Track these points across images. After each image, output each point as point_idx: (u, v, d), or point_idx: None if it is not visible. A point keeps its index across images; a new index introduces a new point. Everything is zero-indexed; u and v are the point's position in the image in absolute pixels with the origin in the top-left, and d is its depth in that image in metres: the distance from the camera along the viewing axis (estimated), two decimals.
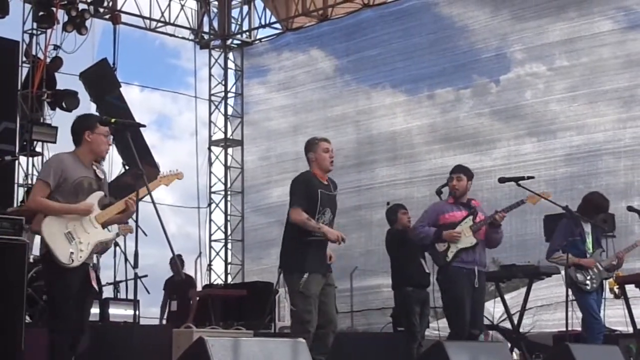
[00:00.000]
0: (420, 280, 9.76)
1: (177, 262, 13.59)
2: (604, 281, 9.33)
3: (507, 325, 10.88)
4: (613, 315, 10.70)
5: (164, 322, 13.67)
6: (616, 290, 10.11)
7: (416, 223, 8.91)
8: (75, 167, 6.67)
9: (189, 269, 15.01)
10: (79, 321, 6.57)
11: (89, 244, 6.60)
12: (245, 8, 18.76)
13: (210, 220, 18.47)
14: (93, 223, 6.67)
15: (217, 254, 18.39)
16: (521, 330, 10.62)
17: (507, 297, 11.29)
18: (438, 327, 11.41)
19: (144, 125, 8.13)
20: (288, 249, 7.83)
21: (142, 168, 6.70)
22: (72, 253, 6.48)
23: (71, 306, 6.54)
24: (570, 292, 8.95)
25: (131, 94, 18.24)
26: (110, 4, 16.14)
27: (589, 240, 9.28)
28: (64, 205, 6.57)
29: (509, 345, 9.79)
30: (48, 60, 14.46)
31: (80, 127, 6.80)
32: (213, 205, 18.55)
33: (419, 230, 8.73)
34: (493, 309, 11.75)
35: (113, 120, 6.92)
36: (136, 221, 6.69)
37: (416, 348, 9.65)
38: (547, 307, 13.04)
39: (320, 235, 7.63)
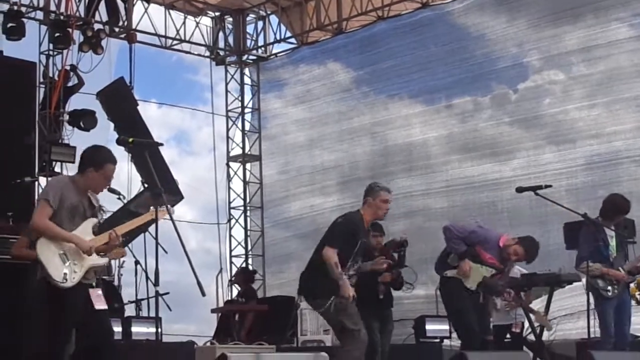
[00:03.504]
0: (372, 305, 9.57)
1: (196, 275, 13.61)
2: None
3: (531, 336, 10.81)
4: (636, 322, 10.60)
5: None
6: (638, 297, 10.03)
7: (456, 229, 8.81)
8: (72, 191, 6.71)
9: (209, 285, 15.01)
10: (95, 336, 6.65)
11: (82, 266, 6.63)
12: (260, 24, 18.81)
13: (230, 235, 18.50)
14: None
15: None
16: (544, 339, 10.54)
17: (532, 307, 11.21)
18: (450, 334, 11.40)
19: (161, 144, 8.17)
20: (314, 276, 7.83)
21: (160, 187, 6.73)
22: (65, 273, 6.51)
23: (71, 326, 6.58)
24: (591, 299, 8.91)
25: (149, 111, 18.28)
26: (126, 23, 16.20)
27: (613, 244, 9.20)
28: (68, 234, 6.60)
29: (532, 354, 9.71)
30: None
31: (88, 161, 6.81)
32: (233, 221, 18.59)
33: (454, 237, 8.68)
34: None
35: (131, 139, 6.97)
36: (156, 238, 6.70)
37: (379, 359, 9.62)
38: (570, 316, 12.95)
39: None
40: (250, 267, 18.27)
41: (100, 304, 6.69)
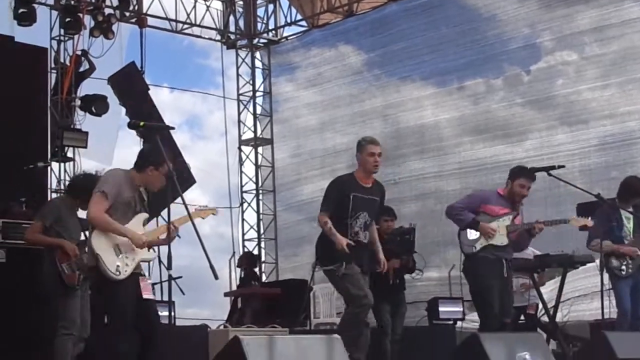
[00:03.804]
0: (383, 288, 9.56)
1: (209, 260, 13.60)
2: None
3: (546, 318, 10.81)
4: None
5: None
6: None
7: (457, 203, 8.82)
8: (128, 186, 6.78)
9: (222, 269, 15.05)
10: (143, 325, 6.73)
11: (134, 259, 6.74)
12: (271, 7, 18.73)
13: (243, 219, 18.50)
14: None
15: None
16: (558, 320, 10.54)
17: (545, 288, 11.22)
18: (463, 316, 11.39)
19: (173, 128, 8.14)
20: (322, 243, 7.98)
21: (172, 171, 6.75)
22: (118, 266, 6.59)
23: (128, 316, 6.64)
24: (606, 280, 8.90)
25: (161, 96, 18.29)
26: (136, 7, 16.18)
27: (629, 226, 9.18)
28: (123, 228, 6.68)
29: (545, 335, 9.71)
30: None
31: (148, 161, 6.85)
32: (245, 205, 18.58)
33: (457, 211, 8.66)
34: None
35: (142, 123, 6.97)
36: (168, 222, 6.70)
37: (389, 342, 9.64)
38: (584, 297, 12.94)
39: (355, 237, 7.86)
40: (263, 251, 18.32)
41: (147, 293, 6.81)
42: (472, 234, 8.54)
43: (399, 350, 9.87)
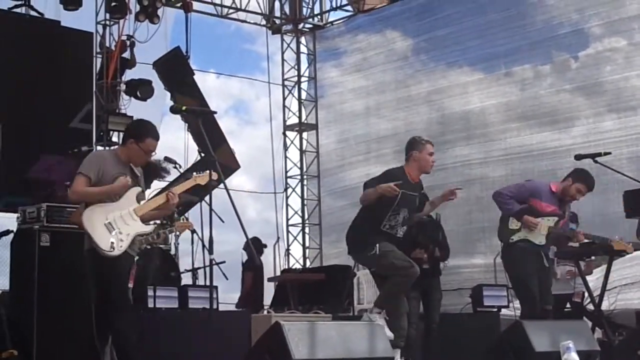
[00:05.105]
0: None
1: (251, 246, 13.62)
2: None
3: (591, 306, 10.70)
4: None
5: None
6: None
7: (506, 189, 8.76)
8: (113, 164, 6.84)
9: (268, 254, 15.08)
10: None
11: (129, 235, 6.73)
12: None
13: (287, 204, 18.51)
14: (132, 216, 6.80)
15: (295, 238, 18.43)
16: (604, 309, 10.42)
17: (593, 276, 11.11)
18: (514, 307, 11.31)
19: (214, 112, 8.17)
20: (354, 233, 8.02)
21: (214, 155, 6.76)
22: (112, 242, 6.60)
23: (117, 296, 6.69)
24: None
25: (207, 81, 18.32)
26: None
27: None
28: (102, 188, 6.74)
29: (591, 324, 9.60)
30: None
31: (130, 133, 6.95)
32: (289, 190, 18.59)
33: (504, 199, 8.60)
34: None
35: (184, 108, 7.03)
36: (210, 206, 6.72)
37: (413, 329, 9.52)
38: (632, 286, 12.80)
39: (391, 231, 7.85)
40: (307, 236, 18.28)
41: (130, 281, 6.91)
42: (512, 224, 8.49)
43: (439, 337, 9.81)
